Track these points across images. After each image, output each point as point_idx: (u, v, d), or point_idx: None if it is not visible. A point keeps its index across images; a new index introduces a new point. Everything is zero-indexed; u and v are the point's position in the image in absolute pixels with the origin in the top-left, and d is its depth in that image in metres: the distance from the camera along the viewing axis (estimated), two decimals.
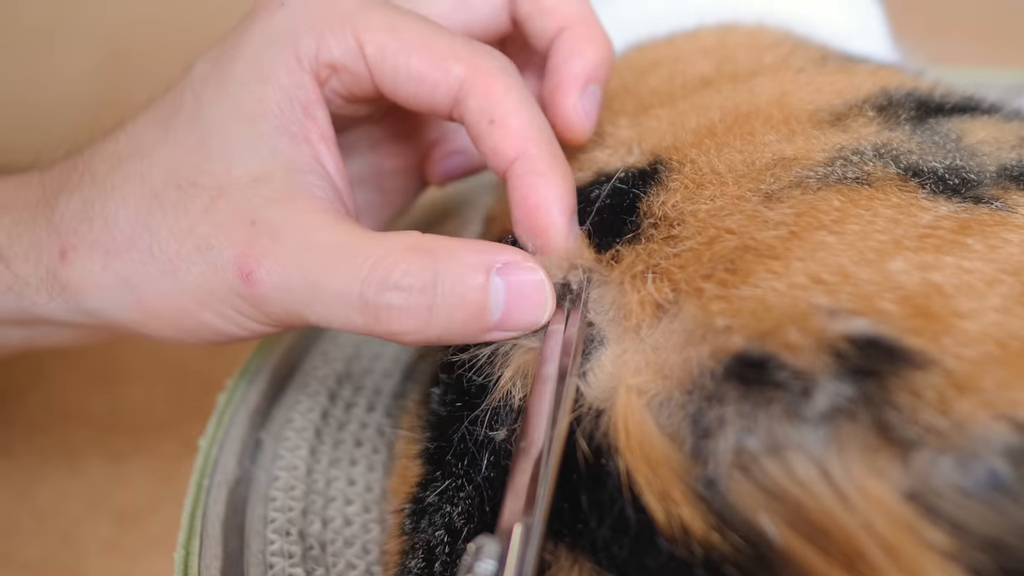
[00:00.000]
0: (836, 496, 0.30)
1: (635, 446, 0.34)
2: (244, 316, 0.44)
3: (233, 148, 0.44)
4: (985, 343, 0.32)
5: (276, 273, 0.41)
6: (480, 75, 0.44)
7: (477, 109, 0.44)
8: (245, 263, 0.42)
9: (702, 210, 0.40)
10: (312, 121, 0.45)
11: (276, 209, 0.43)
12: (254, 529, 0.49)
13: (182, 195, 0.43)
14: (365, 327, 0.41)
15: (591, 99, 0.48)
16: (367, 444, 0.57)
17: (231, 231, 0.42)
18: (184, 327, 0.45)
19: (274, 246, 0.41)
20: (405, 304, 0.40)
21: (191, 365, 0.76)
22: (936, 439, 0.30)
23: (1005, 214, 0.38)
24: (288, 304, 0.42)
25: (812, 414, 0.31)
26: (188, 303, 0.44)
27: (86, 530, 0.65)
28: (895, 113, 0.46)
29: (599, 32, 0.49)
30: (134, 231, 0.44)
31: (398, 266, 0.40)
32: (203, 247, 0.43)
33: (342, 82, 0.46)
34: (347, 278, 0.40)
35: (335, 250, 0.41)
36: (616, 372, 0.37)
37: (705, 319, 0.36)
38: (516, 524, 0.33)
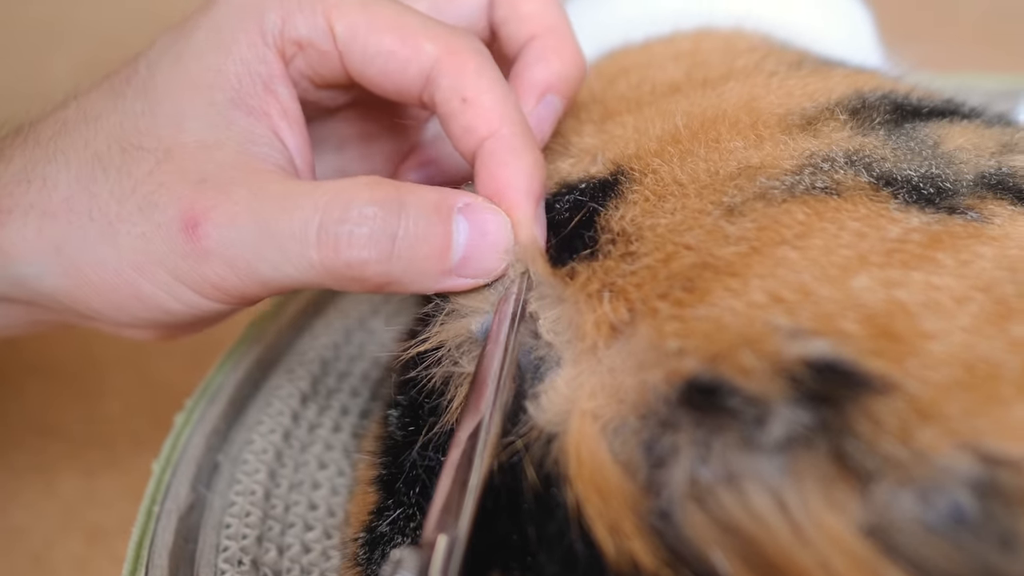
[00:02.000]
0: (792, 530, 0.29)
1: (587, 475, 0.33)
2: (184, 285, 0.42)
3: (183, 116, 0.43)
4: (951, 366, 0.31)
5: (224, 225, 0.40)
6: (453, 54, 0.43)
7: (449, 88, 0.43)
8: (191, 217, 0.40)
9: (661, 225, 0.39)
10: (273, 96, 0.45)
11: (227, 170, 0.41)
12: (205, 559, 0.47)
13: (126, 158, 0.42)
14: (322, 263, 0.39)
15: (547, 108, 0.47)
16: (332, 466, 0.56)
17: (177, 188, 0.41)
18: (118, 300, 0.43)
19: (223, 198, 0.40)
20: (369, 231, 0.39)
21: (171, 379, 0.75)
22: (897, 470, 0.29)
23: (980, 225, 0.37)
24: (237, 259, 0.40)
25: (768, 442, 0.30)
26: (125, 269, 0.42)
27: (58, 549, 0.64)
28: (868, 117, 0.45)
29: (569, 44, 0.48)
30: (73, 193, 0.42)
31: (360, 194, 0.39)
32: (146, 206, 0.41)
33: (309, 62, 0.45)
34: (304, 214, 0.39)
35: (289, 193, 0.40)
36: (571, 395, 0.36)
37: (659, 341, 0.34)
38: (440, 536, 0.32)
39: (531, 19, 0.48)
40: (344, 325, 0.65)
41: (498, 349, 0.37)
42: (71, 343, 0.80)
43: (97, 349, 0.80)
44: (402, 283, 0.40)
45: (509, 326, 0.38)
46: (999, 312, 0.32)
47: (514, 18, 0.48)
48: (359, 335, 0.65)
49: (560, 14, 0.49)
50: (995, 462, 0.28)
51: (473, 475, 0.33)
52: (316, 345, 0.63)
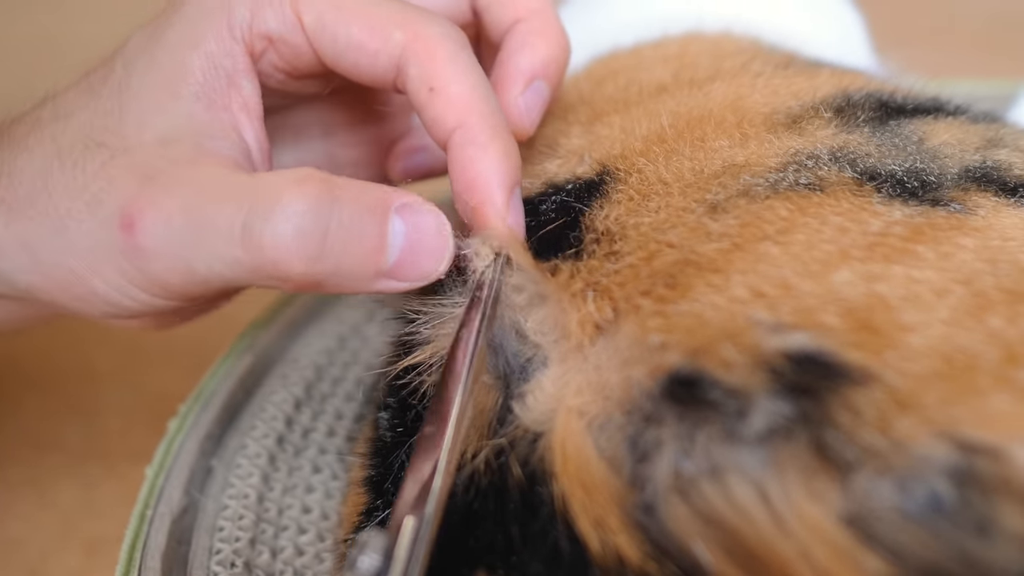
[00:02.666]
0: (773, 521, 0.29)
1: (572, 471, 0.34)
2: (128, 282, 0.41)
3: (148, 112, 0.43)
4: (930, 357, 0.31)
5: (159, 223, 0.39)
6: (421, 41, 0.43)
7: (417, 77, 0.43)
8: (128, 214, 0.39)
9: (644, 223, 0.39)
10: (235, 91, 0.44)
11: (177, 167, 0.40)
12: (198, 561, 0.48)
13: (85, 153, 0.42)
14: (250, 261, 0.37)
15: (535, 94, 0.47)
16: (326, 470, 0.56)
17: (122, 184, 0.40)
18: (78, 294, 0.43)
19: (162, 194, 0.39)
20: (295, 230, 0.37)
21: (168, 390, 0.75)
22: (876, 460, 0.29)
23: (963, 217, 0.37)
24: (173, 257, 0.39)
25: (749, 434, 0.31)
26: (77, 266, 0.41)
27: (54, 562, 0.63)
28: (853, 114, 0.45)
29: (554, 27, 0.48)
30: (34, 188, 0.42)
31: (289, 191, 0.37)
32: (93, 202, 0.40)
33: (281, 55, 0.45)
34: (229, 210, 0.37)
35: (221, 187, 0.39)
36: (556, 394, 0.36)
37: (642, 336, 0.35)
38: (407, 517, 0.32)
39: (515, 3, 0.48)
40: (338, 331, 0.65)
41: (471, 335, 0.37)
42: (69, 357, 0.80)
43: (95, 363, 0.80)
44: (332, 284, 0.39)
45: (483, 310, 0.38)
46: (978, 304, 0.33)
47: (497, 2, 0.48)
48: (353, 341, 0.65)
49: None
50: (972, 450, 0.28)
51: (442, 458, 0.33)
52: (310, 351, 0.63)
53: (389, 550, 0.31)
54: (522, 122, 0.46)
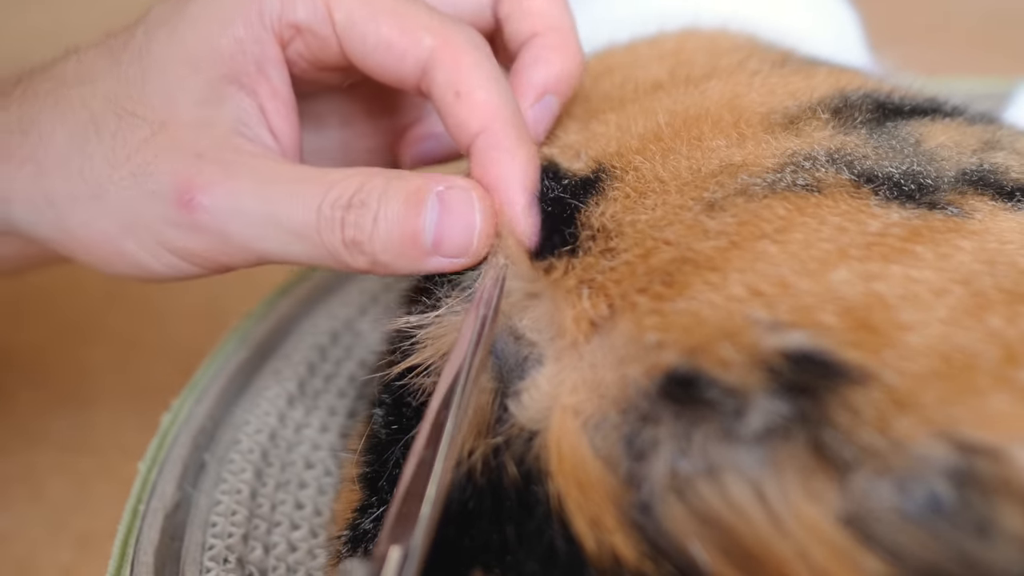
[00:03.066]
0: (771, 521, 0.29)
1: (568, 470, 0.33)
2: (167, 250, 0.43)
3: (175, 88, 0.44)
4: (929, 357, 0.31)
5: (225, 201, 0.41)
6: (449, 47, 0.43)
7: (444, 82, 0.43)
8: (187, 189, 0.41)
9: (641, 220, 0.39)
10: (264, 78, 0.45)
11: (223, 150, 0.43)
12: (191, 556, 0.47)
13: (121, 124, 0.43)
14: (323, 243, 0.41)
15: (544, 109, 0.47)
16: (319, 466, 0.56)
17: (174, 160, 0.42)
18: (103, 255, 0.45)
19: (223, 175, 0.41)
20: (356, 217, 0.40)
21: (161, 385, 0.74)
22: (874, 460, 0.29)
23: (960, 220, 0.37)
24: (234, 235, 0.42)
25: (747, 434, 0.30)
26: (111, 228, 0.43)
27: (45, 556, 0.63)
28: (851, 116, 0.45)
29: (571, 44, 0.48)
30: (68, 151, 0.43)
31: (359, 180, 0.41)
32: (139, 174, 0.42)
33: (308, 46, 0.46)
34: (311, 198, 0.41)
35: (295, 176, 0.42)
36: (552, 392, 0.36)
37: (638, 335, 0.34)
38: (393, 547, 0.31)
39: (535, 16, 0.48)
40: (331, 327, 0.65)
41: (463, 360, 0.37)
42: (62, 351, 0.80)
43: (88, 357, 0.80)
44: (387, 264, 0.41)
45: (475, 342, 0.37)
46: (977, 304, 0.32)
47: (519, 14, 0.48)
48: (346, 337, 0.65)
49: (564, 12, 0.49)
50: (971, 450, 0.28)
51: (431, 486, 0.33)
52: (303, 347, 0.63)
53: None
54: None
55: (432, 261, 0.41)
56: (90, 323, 0.83)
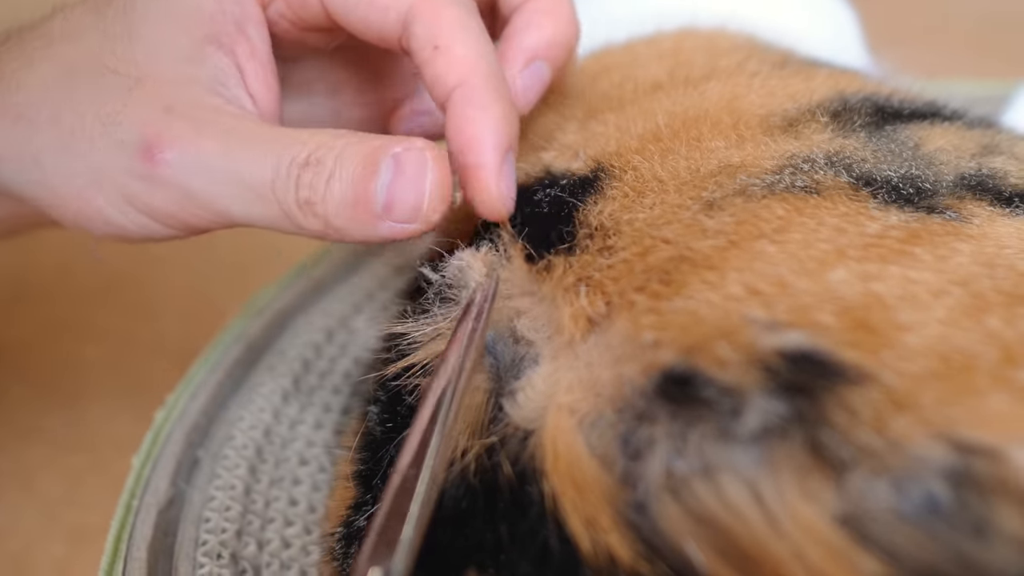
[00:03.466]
0: (767, 521, 0.29)
1: (563, 469, 0.33)
2: (133, 206, 0.43)
3: (159, 44, 0.43)
4: (927, 357, 0.30)
5: (188, 155, 0.40)
6: (431, 1, 0.43)
7: (423, 35, 0.43)
8: (153, 142, 0.41)
9: (639, 219, 0.39)
10: (243, 38, 0.45)
11: (198, 106, 0.42)
12: (184, 552, 0.47)
13: (100, 79, 0.43)
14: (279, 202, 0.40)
15: (534, 74, 0.47)
16: (313, 463, 0.56)
17: (143, 112, 0.41)
18: (82, 212, 0.44)
19: (190, 130, 0.41)
20: (312, 176, 0.39)
21: (154, 381, 0.74)
22: (871, 460, 0.28)
23: (958, 224, 0.37)
24: (197, 191, 0.41)
25: (743, 433, 0.30)
26: (84, 183, 0.43)
27: (38, 550, 0.63)
28: (850, 119, 0.45)
29: (564, 9, 0.48)
30: (44, 102, 0.43)
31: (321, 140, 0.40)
32: (108, 123, 0.42)
33: (289, 4, 0.45)
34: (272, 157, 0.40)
35: (259, 135, 0.41)
36: (547, 391, 0.36)
37: (635, 333, 0.34)
38: (373, 569, 0.30)
39: None
40: (326, 324, 0.65)
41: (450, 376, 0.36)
42: (55, 346, 0.80)
43: (81, 352, 0.79)
44: (339, 229, 0.40)
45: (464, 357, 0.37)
46: (976, 305, 0.32)
47: None
48: (341, 334, 0.65)
49: None
50: (969, 451, 0.28)
51: (414, 504, 0.32)
52: (298, 343, 0.63)
53: None
54: (518, 100, 0.46)
55: (384, 226, 0.40)
56: (83, 319, 0.83)
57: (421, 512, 0.32)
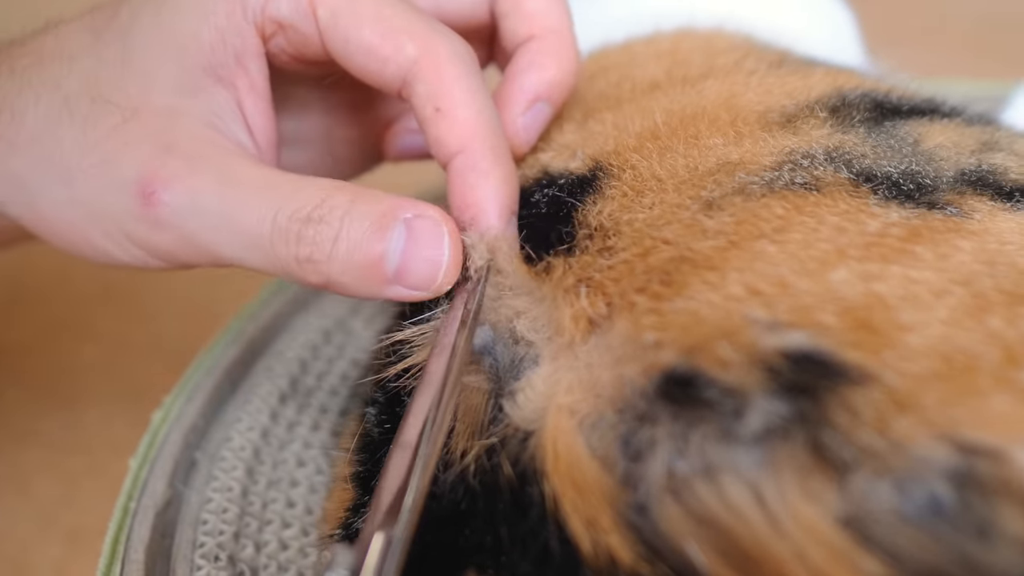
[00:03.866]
0: (769, 522, 0.29)
1: (563, 470, 0.33)
2: (132, 242, 0.42)
3: (153, 74, 0.43)
4: (929, 357, 0.30)
5: (184, 198, 0.40)
6: (432, 57, 0.42)
7: (424, 94, 0.43)
8: (149, 183, 0.40)
9: (639, 219, 0.39)
10: (243, 71, 0.44)
11: (194, 143, 0.41)
12: (181, 554, 0.47)
13: (94, 108, 0.42)
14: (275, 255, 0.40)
15: (536, 116, 0.47)
16: (310, 464, 0.55)
17: (140, 151, 0.41)
18: (72, 242, 0.44)
19: (187, 172, 0.40)
20: (314, 233, 0.39)
21: (151, 383, 0.74)
22: (874, 461, 0.28)
23: (959, 220, 0.37)
24: (193, 235, 0.41)
25: (746, 434, 0.30)
26: (78, 218, 0.42)
27: (36, 553, 0.63)
28: (849, 115, 0.45)
29: (567, 49, 0.47)
30: (39, 133, 0.43)
31: (321, 195, 0.39)
32: (106, 162, 0.41)
33: (289, 41, 0.45)
34: (269, 206, 0.39)
35: (256, 181, 0.40)
36: (547, 392, 0.35)
37: (636, 334, 0.34)
38: (377, 534, 0.31)
39: (533, 17, 0.47)
40: (323, 325, 0.64)
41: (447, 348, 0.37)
42: (52, 349, 0.80)
43: (78, 355, 0.79)
44: (344, 286, 0.40)
45: (460, 323, 0.37)
46: (978, 305, 0.32)
47: (516, 13, 0.48)
48: (338, 335, 0.64)
49: (563, 15, 0.48)
50: (972, 451, 0.28)
51: (414, 477, 0.32)
52: (295, 345, 0.62)
53: (356, 567, 0.30)
54: (518, 140, 0.46)
55: (392, 289, 0.40)
56: (80, 321, 0.83)
57: (421, 481, 0.33)
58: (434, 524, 0.35)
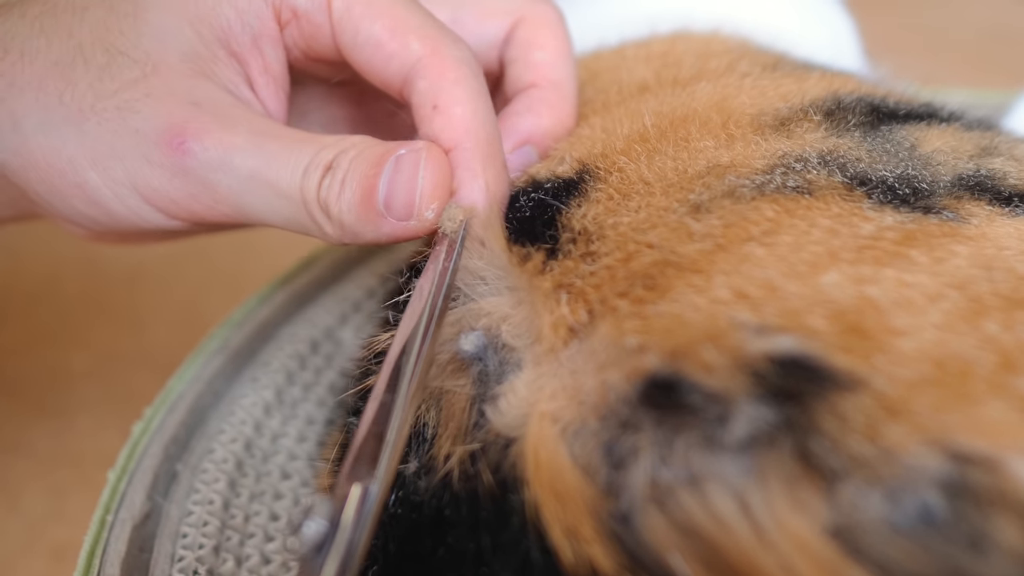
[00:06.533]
0: (755, 533, 0.28)
1: (545, 479, 0.32)
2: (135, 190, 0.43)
3: (169, 33, 0.43)
4: (922, 363, 0.30)
5: (217, 150, 0.41)
6: (437, 57, 0.43)
7: (424, 91, 0.43)
8: (180, 132, 0.41)
9: (623, 223, 0.38)
10: (258, 52, 0.45)
11: (220, 103, 0.42)
12: (159, 568, 0.46)
13: (111, 60, 0.43)
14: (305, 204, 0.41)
15: (522, 157, 0.47)
16: (295, 477, 0.55)
17: (168, 104, 0.42)
18: (60, 186, 0.44)
19: (219, 126, 0.41)
20: (331, 180, 0.41)
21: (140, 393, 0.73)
22: (863, 469, 0.28)
23: (955, 225, 0.36)
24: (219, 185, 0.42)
25: (731, 441, 0.29)
26: (79, 157, 0.43)
27: (21, 568, 0.63)
28: (844, 118, 0.44)
29: (566, 104, 0.48)
30: (48, 75, 0.43)
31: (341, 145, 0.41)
32: (126, 109, 0.42)
33: (302, 31, 0.46)
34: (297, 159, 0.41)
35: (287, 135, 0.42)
36: (530, 398, 0.35)
37: (618, 338, 0.33)
38: (354, 485, 0.31)
39: (538, 68, 0.48)
40: (311, 335, 0.64)
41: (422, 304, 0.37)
42: (42, 358, 0.79)
43: (68, 364, 0.79)
44: (351, 228, 0.41)
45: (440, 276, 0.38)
46: (973, 309, 0.31)
47: (523, 60, 0.49)
48: (327, 345, 0.64)
49: (568, 71, 0.49)
50: (965, 460, 0.27)
51: (391, 429, 0.33)
52: (281, 354, 0.62)
53: (335, 516, 0.30)
54: None
55: (387, 224, 0.41)
56: (69, 330, 0.83)
57: (397, 435, 0.33)
58: (417, 531, 0.34)
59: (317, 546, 0.29)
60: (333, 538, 0.29)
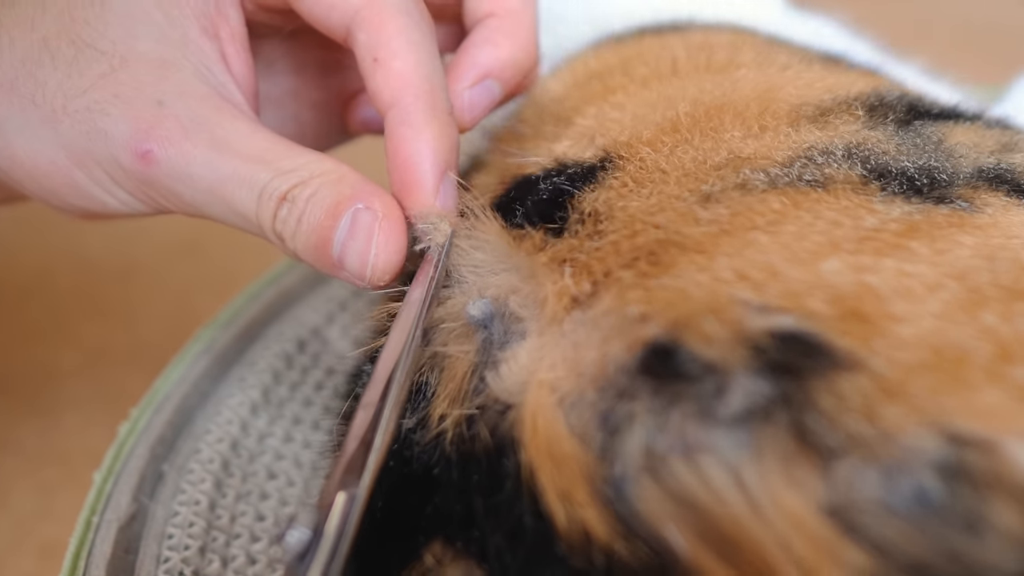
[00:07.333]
0: (749, 507, 0.29)
1: (541, 443, 0.34)
2: (118, 187, 0.44)
3: (136, 19, 0.44)
4: (919, 349, 0.31)
5: (177, 161, 0.41)
6: (375, 7, 0.44)
7: (364, 44, 0.44)
8: (144, 139, 0.42)
9: (632, 206, 0.40)
10: (223, 18, 0.46)
11: (188, 99, 0.43)
12: (145, 570, 0.48)
13: (77, 53, 0.43)
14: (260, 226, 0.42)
15: (484, 91, 0.47)
16: (282, 477, 0.55)
17: (134, 106, 0.42)
18: (50, 186, 0.45)
19: (180, 134, 0.42)
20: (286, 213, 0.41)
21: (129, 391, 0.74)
22: (860, 448, 0.29)
23: (966, 214, 0.38)
24: (183, 193, 0.42)
25: (727, 414, 0.30)
26: (61, 158, 0.43)
27: (8, 566, 0.63)
28: (884, 114, 0.46)
29: (524, 31, 0.49)
30: (18, 75, 0.44)
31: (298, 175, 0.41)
32: (96, 110, 0.42)
33: None
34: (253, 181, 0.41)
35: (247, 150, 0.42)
36: (530, 366, 0.36)
37: (621, 307, 0.35)
38: (339, 493, 0.32)
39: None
40: (297, 334, 0.65)
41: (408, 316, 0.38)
42: (31, 356, 0.81)
43: (57, 363, 0.80)
44: (308, 263, 0.42)
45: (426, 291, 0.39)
46: (972, 300, 0.33)
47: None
48: (314, 344, 0.65)
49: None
50: (962, 442, 0.28)
51: (378, 436, 0.34)
52: (268, 354, 0.63)
53: (319, 525, 0.31)
54: (462, 116, 0.47)
55: (343, 273, 0.42)
56: (58, 327, 0.83)
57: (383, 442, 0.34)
58: (404, 488, 0.36)
59: (300, 555, 0.31)
60: (317, 546, 0.31)
